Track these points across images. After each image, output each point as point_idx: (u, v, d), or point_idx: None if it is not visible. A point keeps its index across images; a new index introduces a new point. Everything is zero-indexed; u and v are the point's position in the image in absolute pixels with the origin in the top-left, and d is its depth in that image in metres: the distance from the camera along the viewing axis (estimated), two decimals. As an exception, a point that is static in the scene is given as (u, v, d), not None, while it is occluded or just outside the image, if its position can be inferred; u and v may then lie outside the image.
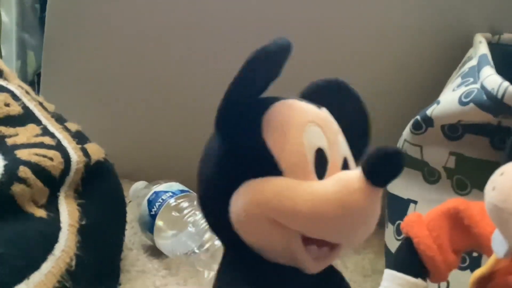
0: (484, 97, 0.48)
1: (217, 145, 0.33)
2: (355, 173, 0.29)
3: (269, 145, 0.31)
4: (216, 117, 0.31)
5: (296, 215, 0.29)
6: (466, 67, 0.58)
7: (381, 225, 0.63)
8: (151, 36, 0.75)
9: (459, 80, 0.56)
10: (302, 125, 0.31)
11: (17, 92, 0.54)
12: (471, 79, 0.53)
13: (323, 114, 0.34)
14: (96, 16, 0.76)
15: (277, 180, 0.30)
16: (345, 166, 0.33)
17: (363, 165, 0.28)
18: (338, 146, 0.33)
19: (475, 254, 0.50)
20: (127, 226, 0.59)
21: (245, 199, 0.30)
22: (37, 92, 0.81)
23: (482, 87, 0.49)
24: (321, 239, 0.31)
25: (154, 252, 0.62)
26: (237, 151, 0.31)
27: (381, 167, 0.28)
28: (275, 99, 0.33)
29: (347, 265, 0.66)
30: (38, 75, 0.92)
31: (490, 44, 0.60)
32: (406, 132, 0.56)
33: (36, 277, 0.39)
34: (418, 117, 0.54)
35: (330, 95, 0.37)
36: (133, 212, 0.65)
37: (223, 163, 0.32)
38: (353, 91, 0.39)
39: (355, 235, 0.31)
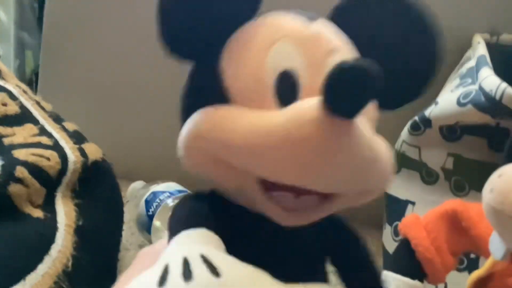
0: (482, 98, 0.48)
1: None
2: (314, 102, 0.23)
3: (222, 68, 0.27)
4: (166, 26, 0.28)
5: (234, 150, 0.24)
6: (464, 68, 0.58)
7: (378, 226, 0.63)
8: (150, 35, 0.75)
9: (457, 81, 0.56)
10: (269, 42, 0.26)
11: (15, 91, 0.54)
12: (470, 80, 0.53)
13: (311, 29, 0.28)
14: (94, 15, 0.76)
15: (221, 109, 0.26)
16: None
17: (320, 89, 0.23)
18: (326, 69, 0.26)
19: (472, 256, 0.50)
20: (125, 226, 0.59)
21: (186, 132, 0.26)
22: (35, 91, 0.81)
23: (480, 88, 0.49)
24: (289, 185, 0.25)
25: (152, 252, 0.62)
26: (193, 74, 0.29)
27: (341, 90, 0.22)
28: (257, 16, 0.28)
29: (345, 266, 0.66)
30: (36, 74, 0.92)
31: (489, 45, 0.60)
32: (404, 133, 0.56)
33: (33, 278, 0.39)
34: (416, 118, 0.54)
35: (378, 7, 0.30)
36: (131, 212, 0.64)
37: (185, 87, 0.29)
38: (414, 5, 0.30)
39: (321, 177, 0.24)
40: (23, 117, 0.52)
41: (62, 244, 0.43)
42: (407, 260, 0.40)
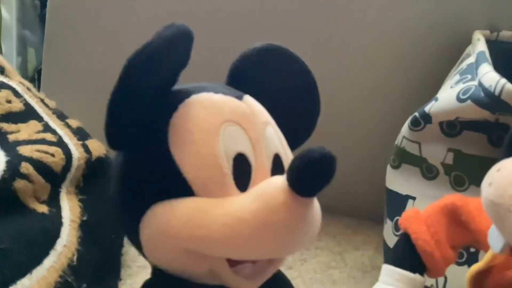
0: (482, 94, 0.48)
1: (120, 159, 0.28)
2: (279, 185, 0.24)
3: (176, 159, 0.26)
4: (106, 124, 0.26)
5: (212, 244, 0.25)
6: (464, 64, 0.58)
7: (379, 221, 0.63)
8: (153, 32, 0.75)
9: (457, 77, 0.56)
10: (216, 127, 0.26)
11: (19, 89, 0.54)
12: (469, 76, 0.53)
13: (244, 106, 0.29)
14: (96, 12, 0.76)
15: (187, 203, 0.25)
16: (277, 164, 0.29)
17: (287, 174, 0.24)
18: (266, 142, 0.28)
19: (472, 250, 0.50)
20: (128, 222, 0.59)
21: (152, 229, 0.26)
22: (38, 88, 0.81)
23: (480, 84, 0.49)
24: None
25: (155, 247, 0.62)
26: (140, 168, 0.27)
27: (308, 176, 0.24)
28: (184, 95, 0.28)
29: (347, 262, 0.66)
30: (39, 71, 0.92)
31: (489, 42, 0.60)
32: (405, 128, 0.56)
33: (39, 272, 0.39)
34: (416, 114, 0.55)
35: (268, 63, 0.32)
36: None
37: (126, 182, 0.27)
38: (297, 58, 0.33)
39: (289, 249, 0.26)
40: (28, 114, 0.53)
41: (67, 239, 0.44)
42: (407, 254, 0.40)
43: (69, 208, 0.47)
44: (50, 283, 0.40)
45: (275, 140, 0.29)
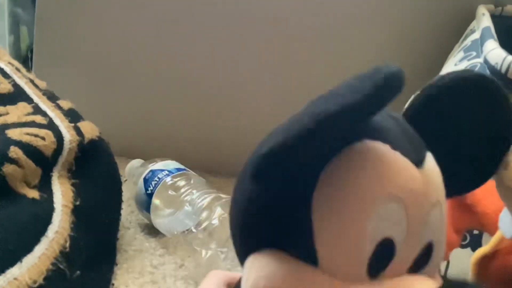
0: (488, 72, 0.47)
1: (249, 191, 0.24)
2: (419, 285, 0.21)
3: (314, 226, 0.22)
4: (259, 158, 0.20)
5: None
6: (468, 41, 0.56)
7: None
8: (147, 10, 0.73)
9: (461, 54, 0.55)
10: (372, 204, 0.21)
11: (7, 69, 0.53)
12: (474, 53, 0.52)
13: (420, 179, 0.23)
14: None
15: (306, 272, 0.22)
16: (426, 252, 0.24)
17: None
18: (426, 229, 0.23)
19: (475, 232, 0.49)
20: (124, 205, 0.58)
21: (255, 278, 0.23)
22: (30, 68, 0.79)
23: (485, 62, 0.48)
24: None
25: (151, 231, 0.61)
26: (272, 211, 0.23)
27: None
28: (346, 139, 0.22)
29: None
30: (32, 50, 0.91)
31: (493, 16, 0.59)
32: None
33: (29, 260, 0.38)
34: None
35: (461, 96, 0.27)
36: (130, 190, 0.64)
37: (249, 217, 0.24)
38: (498, 94, 0.28)
39: None
40: (17, 95, 0.51)
41: (59, 224, 0.43)
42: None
43: (61, 193, 0.46)
44: (42, 271, 0.39)
45: (436, 225, 0.24)
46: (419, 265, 0.23)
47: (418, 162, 0.23)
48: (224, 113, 0.77)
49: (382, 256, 0.22)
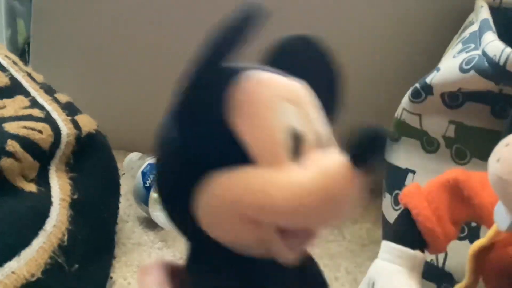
0: (486, 64, 0.47)
1: (175, 129, 0.29)
2: (339, 160, 0.27)
3: (237, 130, 0.28)
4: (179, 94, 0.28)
5: (274, 209, 0.27)
6: (467, 33, 0.56)
7: (378, 195, 0.62)
8: (144, 3, 0.73)
9: (459, 46, 0.54)
10: (273, 103, 0.28)
11: (4, 62, 0.53)
12: (472, 45, 0.51)
13: (296, 86, 0.31)
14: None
15: (248, 172, 0.27)
16: (320, 143, 0.30)
17: (349, 150, 0.27)
18: (313, 123, 0.30)
19: (473, 224, 0.49)
20: (122, 198, 0.58)
21: (213, 196, 0.27)
22: (28, 61, 0.79)
23: (484, 54, 0.47)
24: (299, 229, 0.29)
25: (150, 224, 0.61)
26: (199, 137, 0.28)
27: (367, 152, 0.26)
28: (236, 70, 0.29)
29: (345, 235, 0.66)
30: (29, 43, 0.90)
31: (492, 9, 0.58)
32: (405, 100, 0.55)
33: (27, 253, 0.38)
34: (417, 85, 0.53)
35: (296, 54, 0.34)
36: (128, 183, 0.64)
37: (182, 152, 0.29)
38: (321, 47, 0.34)
39: (341, 218, 0.29)
40: (14, 89, 0.51)
41: (57, 218, 0.43)
42: (407, 230, 0.40)
43: (59, 187, 0.46)
44: (40, 265, 0.39)
45: (319, 119, 0.31)
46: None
47: (288, 77, 0.31)
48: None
49: (295, 146, 0.28)
